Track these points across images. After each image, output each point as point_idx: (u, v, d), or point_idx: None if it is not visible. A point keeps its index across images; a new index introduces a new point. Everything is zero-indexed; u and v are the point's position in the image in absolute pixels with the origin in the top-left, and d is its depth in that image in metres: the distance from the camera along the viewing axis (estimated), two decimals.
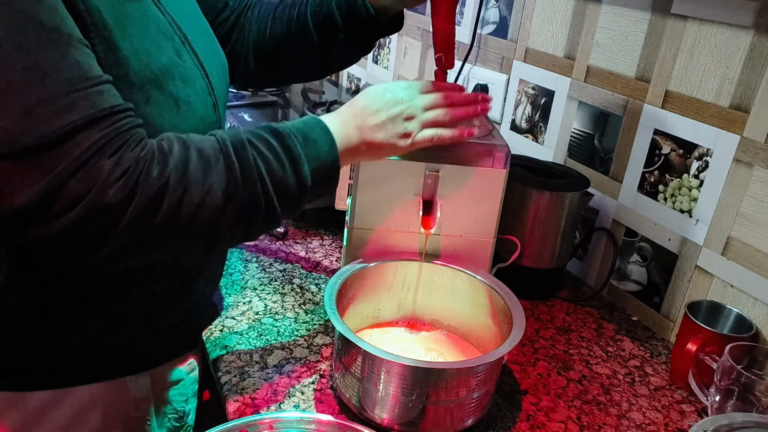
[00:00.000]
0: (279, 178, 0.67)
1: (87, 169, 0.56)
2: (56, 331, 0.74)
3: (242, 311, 0.99)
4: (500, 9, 1.39)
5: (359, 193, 0.89)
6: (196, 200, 0.61)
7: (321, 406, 0.81)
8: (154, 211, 0.59)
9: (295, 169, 0.68)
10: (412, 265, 0.92)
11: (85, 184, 0.56)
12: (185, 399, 0.91)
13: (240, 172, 0.64)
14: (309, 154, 0.69)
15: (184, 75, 0.73)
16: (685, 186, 1.01)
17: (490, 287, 0.87)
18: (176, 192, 0.60)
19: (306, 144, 0.69)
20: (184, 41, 0.76)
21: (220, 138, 0.66)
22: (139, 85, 0.66)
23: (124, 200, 0.58)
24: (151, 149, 0.61)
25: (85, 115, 0.56)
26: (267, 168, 0.66)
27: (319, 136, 0.71)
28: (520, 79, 1.34)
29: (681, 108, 1.01)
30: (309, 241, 1.22)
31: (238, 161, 0.64)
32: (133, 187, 0.58)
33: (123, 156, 0.58)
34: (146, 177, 0.59)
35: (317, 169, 0.70)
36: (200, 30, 0.83)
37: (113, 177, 0.57)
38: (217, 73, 0.83)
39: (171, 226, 0.61)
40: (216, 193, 0.62)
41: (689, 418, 0.87)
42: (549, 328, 1.05)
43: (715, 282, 0.97)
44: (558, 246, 1.11)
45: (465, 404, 0.75)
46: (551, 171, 1.14)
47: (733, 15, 0.91)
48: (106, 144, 0.57)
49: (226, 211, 0.63)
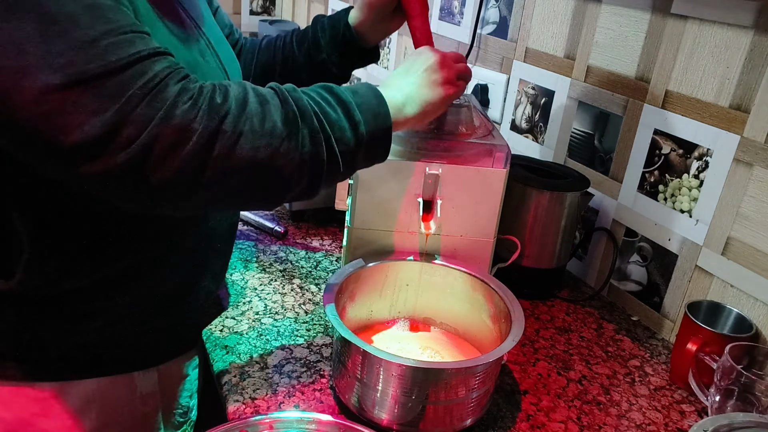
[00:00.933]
0: (333, 120, 0.66)
1: (156, 93, 0.56)
2: (66, 322, 0.75)
3: (242, 311, 0.99)
4: (500, 9, 1.39)
5: (359, 193, 0.89)
6: (258, 129, 0.60)
7: (321, 406, 0.81)
8: (218, 136, 0.58)
9: (347, 113, 0.67)
10: (412, 265, 0.92)
11: (155, 108, 0.56)
12: (190, 394, 0.92)
13: (296, 107, 0.64)
14: (359, 103, 0.69)
15: (207, 74, 0.75)
16: (685, 186, 1.01)
17: (490, 287, 0.87)
18: (239, 120, 0.59)
19: (355, 96, 0.69)
20: (208, 44, 0.79)
21: (272, 84, 0.66)
22: None
23: (191, 121, 0.57)
24: (211, 83, 0.61)
25: (146, 48, 0.57)
26: (320, 109, 0.66)
27: (366, 91, 0.71)
28: (520, 79, 1.34)
29: (681, 108, 1.01)
30: (309, 241, 1.22)
31: (292, 99, 0.64)
32: (200, 110, 0.58)
33: (188, 84, 0.58)
34: (211, 101, 0.59)
35: (370, 120, 0.69)
36: (220, 37, 0.87)
37: (181, 99, 0.57)
38: (237, 77, 0.87)
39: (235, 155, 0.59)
40: (276, 122, 0.61)
41: (689, 418, 0.87)
42: (549, 328, 1.05)
43: (715, 282, 0.97)
44: (558, 246, 1.11)
45: (464, 404, 0.75)
46: (551, 171, 1.14)
47: (733, 15, 0.91)
48: (172, 73, 0.58)
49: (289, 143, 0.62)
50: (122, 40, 0.56)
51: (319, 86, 0.70)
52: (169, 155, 0.56)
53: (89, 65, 0.54)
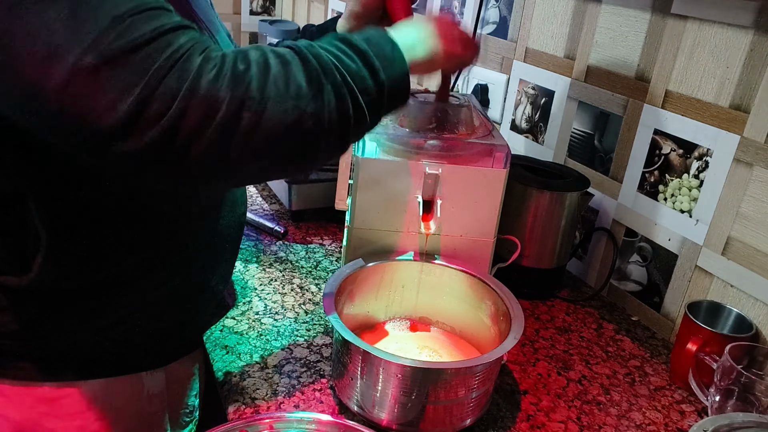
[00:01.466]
0: (354, 71, 0.66)
1: (181, 64, 0.56)
2: (76, 320, 0.75)
3: (242, 311, 0.99)
4: (500, 9, 1.39)
5: (359, 193, 0.89)
6: (283, 90, 0.60)
7: (321, 406, 0.81)
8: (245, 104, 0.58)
9: (365, 62, 0.67)
10: (412, 265, 0.92)
11: (180, 79, 0.56)
12: (195, 394, 0.92)
13: (318, 65, 0.63)
14: (375, 51, 0.68)
15: None
16: (685, 186, 1.01)
17: (490, 287, 0.87)
18: (264, 84, 0.59)
19: (369, 44, 0.69)
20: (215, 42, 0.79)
21: (289, 43, 0.66)
22: None
23: (218, 90, 0.57)
24: (232, 50, 0.61)
25: (171, 21, 0.58)
26: (339, 62, 0.65)
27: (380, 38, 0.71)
28: (520, 79, 1.34)
29: (681, 108, 1.01)
30: (309, 241, 1.22)
31: (312, 55, 0.64)
32: (225, 79, 0.57)
33: (210, 54, 0.59)
34: (235, 69, 0.59)
35: (387, 66, 0.69)
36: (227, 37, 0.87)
37: (205, 69, 0.57)
38: None
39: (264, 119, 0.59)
40: (300, 82, 0.61)
41: (689, 418, 0.87)
42: (549, 328, 1.05)
43: (715, 282, 0.97)
44: (558, 246, 1.11)
45: (464, 404, 0.75)
46: (551, 171, 1.14)
47: (733, 15, 0.91)
48: (195, 44, 0.58)
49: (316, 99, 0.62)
50: (147, 16, 0.57)
51: (333, 37, 0.69)
52: (200, 126, 0.56)
53: (116, 42, 0.54)
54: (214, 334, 0.93)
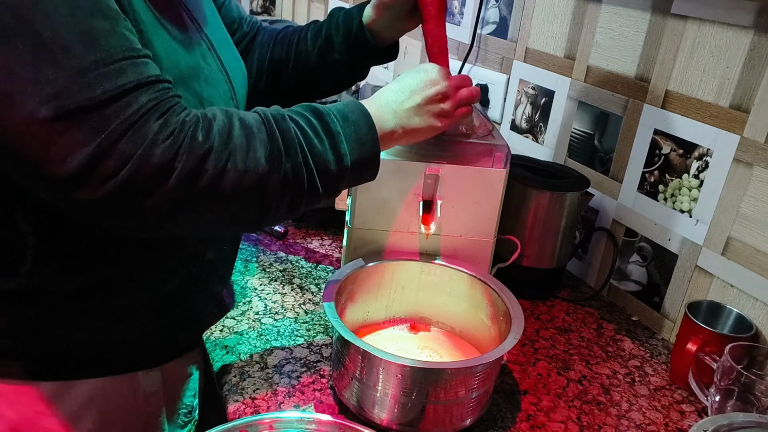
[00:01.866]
0: (318, 153, 0.67)
1: (136, 129, 0.57)
2: (69, 320, 0.75)
3: (242, 311, 0.99)
4: (500, 9, 1.39)
5: (359, 193, 0.89)
6: (241, 166, 0.62)
7: (321, 406, 0.81)
8: (199, 174, 0.60)
9: (333, 145, 0.69)
10: (411, 265, 0.92)
11: (134, 144, 0.57)
12: (193, 393, 0.92)
13: (282, 141, 0.65)
14: (348, 133, 0.70)
15: (208, 77, 0.75)
16: (685, 186, 1.01)
17: (490, 287, 0.87)
18: (221, 156, 0.61)
19: (345, 124, 0.71)
20: (210, 47, 0.79)
21: (260, 111, 0.67)
22: None
23: (171, 160, 0.58)
24: (195, 115, 0.62)
25: (134, 79, 0.58)
26: (306, 141, 0.67)
27: (358, 117, 0.72)
28: (520, 79, 1.34)
29: (681, 108, 1.01)
30: (309, 241, 1.22)
31: (279, 132, 0.65)
32: (179, 148, 0.59)
33: (169, 119, 0.60)
34: (192, 139, 0.60)
35: (356, 149, 0.71)
36: (223, 40, 0.86)
37: (161, 137, 0.58)
38: (239, 80, 0.86)
39: (217, 191, 0.61)
40: (260, 159, 0.63)
41: (689, 418, 0.87)
42: (549, 328, 1.05)
43: (715, 282, 0.97)
44: (558, 246, 1.11)
45: (464, 404, 0.75)
46: (551, 171, 1.14)
47: (733, 15, 0.91)
48: (155, 107, 0.59)
49: (270, 179, 0.64)
50: (112, 71, 0.57)
51: (309, 110, 0.70)
52: (150, 190, 0.58)
53: (76, 98, 0.55)
54: (214, 334, 0.93)
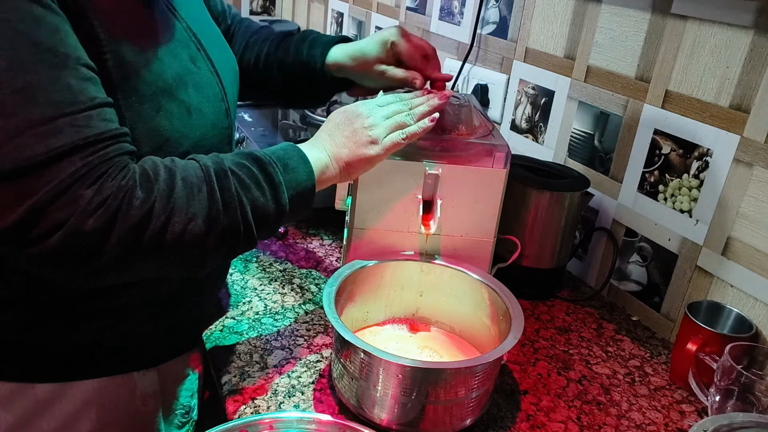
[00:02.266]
0: (259, 206, 0.69)
1: (67, 197, 0.57)
2: (65, 323, 0.75)
3: (242, 311, 0.99)
4: (500, 9, 1.39)
5: (359, 193, 0.89)
6: (179, 228, 0.63)
7: (321, 406, 0.81)
8: (136, 238, 0.61)
9: (275, 195, 0.70)
10: (411, 265, 0.92)
11: (65, 211, 0.57)
12: (191, 394, 0.91)
13: (221, 200, 0.66)
14: (288, 181, 0.72)
15: (198, 82, 0.75)
16: (685, 186, 1.01)
17: (490, 287, 0.87)
18: (160, 219, 0.62)
19: (286, 171, 0.72)
20: (199, 48, 0.78)
21: (203, 165, 0.67)
22: (149, 96, 0.68)
23: (104, 229, 0.59)
24: (133, 177, 0.61)
25: (69, 141, 0.57)
26: (247, 196, 0.68)
27: (297, 164, 0.74)
28: (520, 79, 1.34)
29: (681, 108, 1.01)
30: (309, 241, 1.22)
31: (220, 190, 0.66)
32: (113, 217, 0.59)
33: (103, 185, 0.59)
34: (128, 206, 0.60)
35: (296, 195, 0.73)
36: (213, 36, 0.85)
37: (92, 206, 0.58)
38: (230, 78, 0.86)
39: (154, 252, 0.62)
40: (198, 220, 0.64)
41: (689, 418, 0.87)
42: (549, 328, 1.05)
43: (715, 282, 0.97)
44: (558, 246, 1.11)
45: (464, 404, 0.75)
46: (551, 171, 1.14)
47: (733, 15, 0.91)
48: (88, 172, 0.58)
49: (208, 238, 0.65)
50: (46, 131, 0.56)
51: (252, 160, 0.71)
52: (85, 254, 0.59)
53: (6, 159, 0.55)
54: (214, 334, 0.93)
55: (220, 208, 0.65)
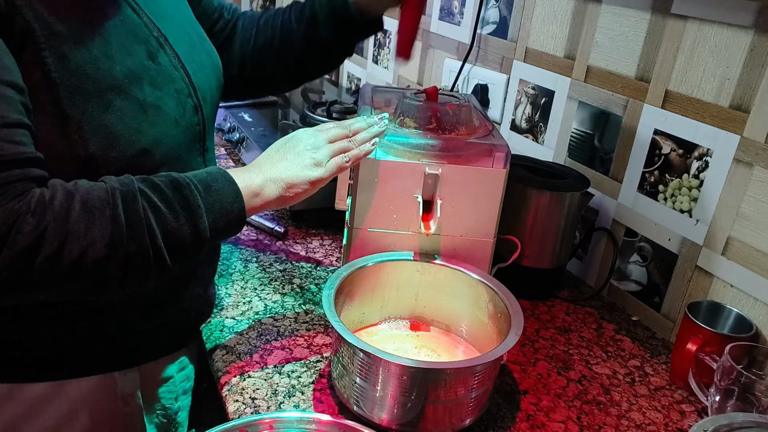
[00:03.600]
0: (172, 230, 0.66)
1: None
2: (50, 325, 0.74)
3: (242, 311, 0.99)
4: (500, 9, 1.39)
5: (359, 193, 0.89)
6: (76, 253, 0.61)
7: (321, 406, 0.81)
8: (26, 263, 0.59)
9: (191, 219, 0.68)
10: (411, 265, 0.92)
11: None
12: (174, 397, 0.91)
13: (126, 224, 0.64)
14: (210, 204, 0.69)
15: (156, 79, 0.73)
16: (685, 186, 1.01)
17: (490, 287, 0.87)
18: (52, 244, 0.60)
19: (207, 194, 0.69)
20: (162, 43, 0.76)
21: (110, 188, 0.65)
22: (96, 93, 0.66)
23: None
24: (28, 202, 0.60)
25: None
26: (158, 220, 0.66)
27: (222, 185, 0.71)
28: (520, 79, 1.34)
29: (681, 108, 1.01)
30: (309, 241, 1.22)
31: (125, 213, 0.64)
32: (3, 240, 0.58)
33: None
34: (17, 231, 0.59)
35: (220, 219, 0.70)
36: (183, 30, 0.83)
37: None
38: (204, 73, 0.83)
39: (50, 276, 0.61)
40: (97, 245, 0.62)
41: (689, 418, 0.87)
42: (549, 328, 1.05)
43: (715, 282, 0.97)
44: (558, 246, 1.11)
45: (464, 404, 0.75)
46: (551, 171, 1.14)
47: (733, 15, 0.91)
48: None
49: (109, 263, 0.63)
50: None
51: (168, 182, 0.68)
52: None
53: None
54: (214, 333, 0.93)
55: (123, 231, 0.63)
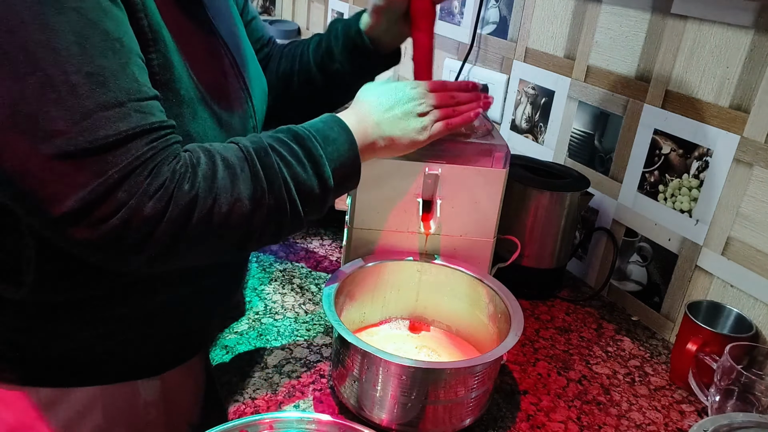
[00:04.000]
0: (302, 182, 0.69)
1: (132, 178, 0.58)
2: (69, 329, 0.75)
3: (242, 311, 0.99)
4: (500, 9, 1.39)
5: (359, 193, 0.89)
6: (225, 209, 0.63)
7: (321, 406, 0.81)
8: (186, 221, 0.61)
9: (317, 171, 0.70)
10: (411, 265, 0.92)
11: (128, 194, 0.58)
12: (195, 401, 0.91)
13: (265, 179, 0.66)
14: (330, 154, 0.71)
15: (229, 96, 0.76)
16: (685, 186, 1.01)
17: (490, 287, 0.87)
18: (206, 202, 0.62)
19: (326, 144, 0.71)
20: (232, 64, 0.79)
21: (243, 146, 0.67)
22: (188, 101, 0.69)
23: (160, 211, 0.60)
24: (185, 163, 0.63)
25: (137, 125, 0.59)
26: (291, 173, 0.68)
27: (338, 134, 0.73)
28: (520, 79, 1.34)
29: (681, 108, 1.01)
30: (309, 241, 1.22)
31: (262, 168, 0.66)
32: (169, 200, 0.60)
33: (161, 169, 0.60)
34: (179, 190, 0.61)
35: (338, 168, 0.72)
36: (247, 55, 0.86)
37: (152, 188, 0.59)
38: (260, 97, 0.87)
39: (203, 234, 0.63)
40: (244, 201, 0.64)
41: (689, 418, 0.87)
42: (549, 328, 1.05)
43: (715, 282, 0.97)
44: (558, 246, 1.11)
45: (464, 404, 0.75)
46: (551, 171, 1.14)
47: (733, 15, 0.91)
48: (152, 156, 0.60)
49: (254, 217, 0.65)
50: (116, 114, 0.58)
51: (291, 135, 0.71)
52: (139, 237, 0.60)
53: (77, 139, 0.56)
54: (214, 333, 0.93)
55: (264, 186, 0.66)
